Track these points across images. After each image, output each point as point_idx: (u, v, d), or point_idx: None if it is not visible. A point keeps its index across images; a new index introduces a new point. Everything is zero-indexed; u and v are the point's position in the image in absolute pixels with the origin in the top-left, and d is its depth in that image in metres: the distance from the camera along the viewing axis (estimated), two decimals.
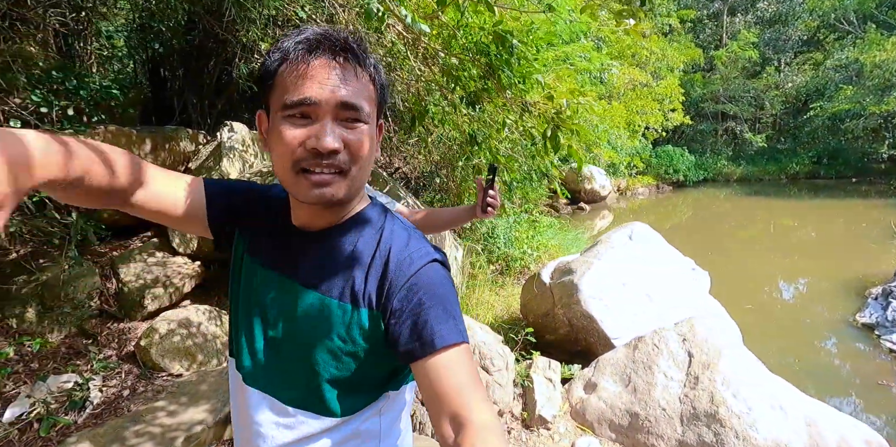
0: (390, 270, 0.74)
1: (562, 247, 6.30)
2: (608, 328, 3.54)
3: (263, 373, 0.81)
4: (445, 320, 0.71)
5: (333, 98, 0.68)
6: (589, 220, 11.18)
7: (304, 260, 0.79)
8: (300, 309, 0.77)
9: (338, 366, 0.76)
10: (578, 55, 5.27)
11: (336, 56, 0.70)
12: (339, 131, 0.70)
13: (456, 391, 0.66)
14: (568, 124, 1.99)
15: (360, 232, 0.80)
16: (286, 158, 0.70)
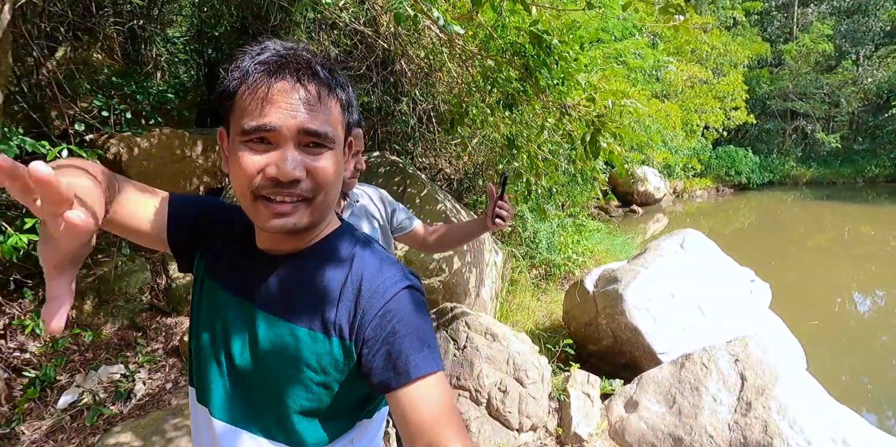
0: (362, 298, 0.71)
1: (610, 252, 6.06)
2: (654, 342, 3.35)
3: (230, 405, 0.76)
4: (419, 349, 0.69)
5: (295, 124, 0.64)
6: (641, 224, 10.73)
7: (269, 285, 0.75)
8: (267, 338, 0.73)
9: (308, 397, 0.73)
10: (632, 52, 5.03)
11: (299, 79, 0.65)
12: (302, 158, 0.66)
13: (430, 422, 0.64)
14: (609, 127, 1.86)
15: (329, 257, 0.76)
16: (244, 185, 0.66)
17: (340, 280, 0.73)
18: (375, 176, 3.37)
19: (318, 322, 0.72)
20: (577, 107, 2.02)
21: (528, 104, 2.20)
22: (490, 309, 3.75)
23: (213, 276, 0.80)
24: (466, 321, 2.89)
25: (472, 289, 3.44)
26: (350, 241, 0.78)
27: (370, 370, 0.69)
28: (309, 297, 0.73)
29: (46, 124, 3.14)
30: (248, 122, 0.64)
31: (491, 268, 3.83)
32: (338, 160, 0.70)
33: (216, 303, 0.78)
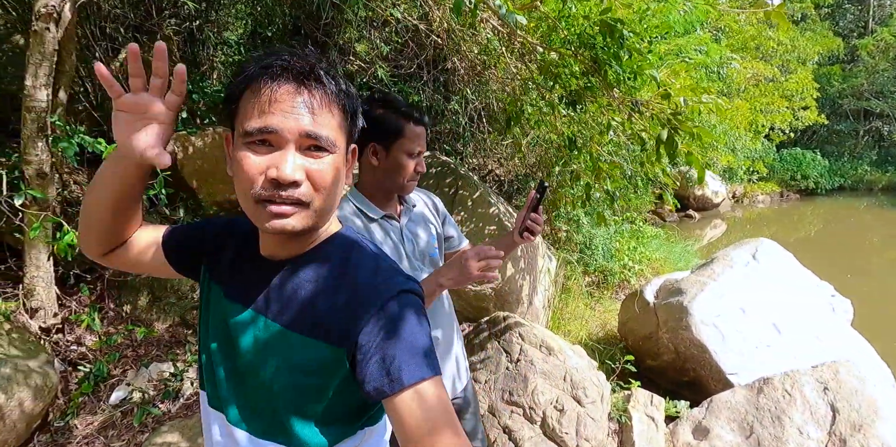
0: (356, 303, 0.71)
1: (667, 260, 5.71)
2: (723, 361, 3.07)
3: (237, 409, 0.79)
4: (413, 354, 0.69)
5: (296, 128, 0.66)
6: (698, 230, 10.18)
7: (268, 291, 0.77)
8: (262, 342, 0.75)
9: (302, 400, 0.74)
10: (694, 48, 4.70)
11: (302, 83, 0.67)
12: (302, 162, 0.67)
13: (426, 429, 0.65)
14: (686, 127, 1.66)
15: (324, 262, 0.77)
16: (246, 187, 0.68)
17: (334, 284, 0.74)
18: (426, 177, 3.26)
19: (312, 327, 0.72)
20: (649, 104, 1.82)
21: (593, 101, 2.02)
22: (542, 318, 3.57)
23: (217, 283, 0.83)
24: (520, 332, 2.72)
25: (525, 297, 3.27)
26: (346, 246, 0.79)
27: (364, 376, 0.69)
28: (304, 302, 0.73)
29: (107, 123, 3.21)
30: (250, 124, 0.66)
31: (544, 275, 3.64)
32: (338, 166, 0.71)
33: (221, 308, 0.81)
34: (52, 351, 2.64)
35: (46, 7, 1.97)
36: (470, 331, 2.94)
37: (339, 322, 0.71)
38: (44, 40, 2.04)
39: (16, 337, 2.35)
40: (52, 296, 2.64)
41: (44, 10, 1.96)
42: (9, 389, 2.08)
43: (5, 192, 2.30)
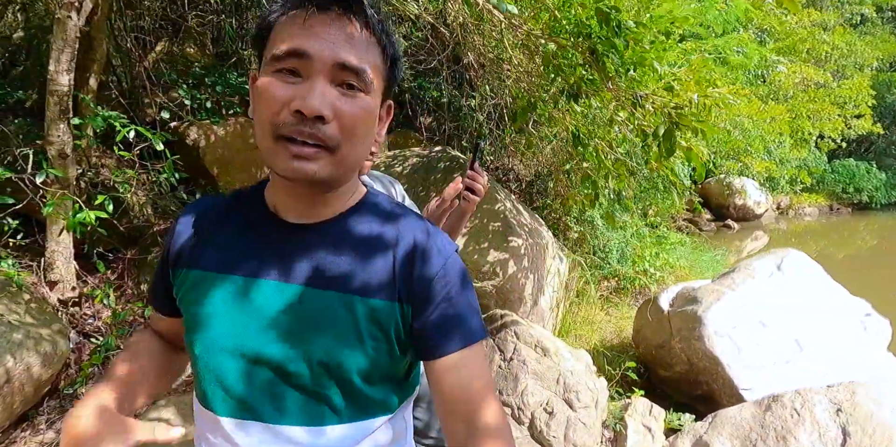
0: (418, 261, 0.68)
1: (694, 269, 5.48)
2: (737, 376, 2.91)
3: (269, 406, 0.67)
4: (471, 315, 0.69)
5: (331, 55, 0.58)
6: (737, 241, 9.73)
7: (307, 257, 0.68)
8: (317, 315, 0.66)
9: (373, 368, 0.68)
10: (733, 49, 4.49)
11: (344, 11, 0.60)
12: (332, 97, 0.59)
13: (474, 394, 0.65)
14: (687, 121, 1.57)
15: (373, 220, 0.71)
16: (266, 120, 0.60)
17: (391, 243, 0.69)
18: (435, 171, 3.25)
19: (376, 288, 0.67)
20: (649, 97, 1.74)
21: (595, 94, 1.95)
22: (548, 319, 3.49)
23: (210, 268, 0.70)
24: (516, 331, 2.67)
25: (529, 296, 3.20)
26: (386, 205, 0.75)
27: (423, 334, 0.67)
28: (359, 264, 0.67)
29: (135, 111, 3.36)
30: (280, 47, 0.59)
31: (553, 276, 3.56)
32: (371, 109, 0.64)
33: (224, 293, 0.68)
34: (69, 322, 2.77)
35: None
36: None
37: (401, 280, 0.67)
38: (66, 27, 2.15)
39: (33, 306, 2.47)
40: (72, 271, 2.78)
41: None
42: (17, 354, 2.20)
43: (29, 171, 2.44)
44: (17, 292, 2.41)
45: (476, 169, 1.20)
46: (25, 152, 2.49)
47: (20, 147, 2.55)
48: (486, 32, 2.59)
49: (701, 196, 10.85)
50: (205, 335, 0.68)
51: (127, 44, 3.19)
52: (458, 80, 4.00)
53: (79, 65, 2.49)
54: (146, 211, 3.19)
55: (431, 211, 1.24)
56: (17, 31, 3.59)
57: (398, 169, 3.33)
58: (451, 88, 3.86)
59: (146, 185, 3.21)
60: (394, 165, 3.37)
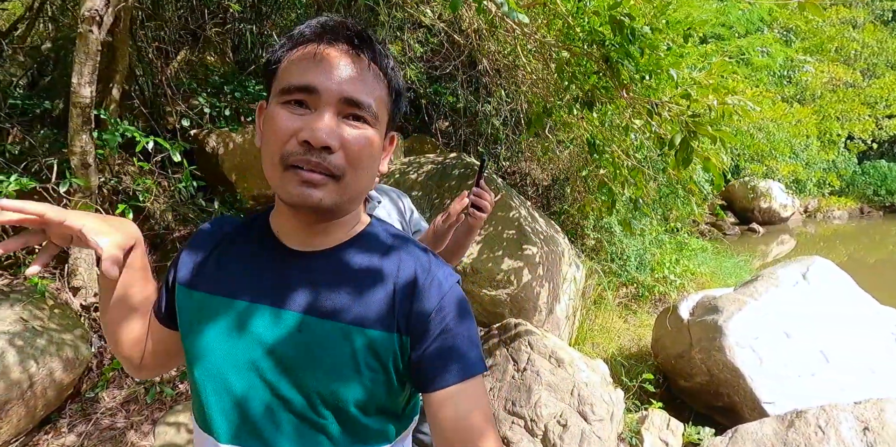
0: (418, 293, 0.68)
1: (716, 275, 5.35)
2: (759, 388, 2.83)
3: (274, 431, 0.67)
4: (470, 348, 0.68)
5: (338, 90, 0.61)
6: (762, 246, 9.48)
7: (308, 286, 0.68)
8: (315, 342, 0.66)
9: (371, 399, 0.68)
10: (757, 49, 4.38)
11: (350, 46, 0.63)
12: (339, 129, 0.61)
13: (471, 428, 0.65)
14: (703, 130, 1.53)
15: (374, 251, 0.72)
16: (275, 150, 0.62)
17: (392, 274, 0.69)
18: (449, 178, 3.24)
19: (375, 319, 0.67)
20: (665, 105, 1.70)
21: (610, 102, 1.92)
22: (564, 328, 3.44)
23: (215, 292, 0.71)
24: (530, 341, 2.64)
25: (544, 305, 3.16)
26: (388, 236, 0.76)
27: (421, 366, 0.67)
28: (359, 295, 0.68)
29: (156, 120, 3.43)
30: (290, 80, 0.61)
31: (569, 284, 3.51)
32: (376, 141, 0.66)
33: (227, 318, 0.69)
34: (90, 327, 2.84)
35: (90, 11, 2.13)
36: (481, 336, 2.88)
37: (401, 311, 0.68)
38: (88, 41, 2.21)
39: (57, 312, 2.54)
40: (94, 277, 2.84)
41: (87, 13, 2.12)
42: (40, 359, 2.26)
43: (54, 180, 2.50)
44: (41, 298, 2.47)
45: (482, 186, 1.19)
46: (50, 162, 2.56)
47: (46, 157, 2.62)
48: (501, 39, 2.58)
49: (724, 199, 10.60)
50: (205, 359, 0.69)
51: (149, 54, 3.27)
52: (473, 85, 3.99)
53: (102, 75, 2.55)
54: (166, 218, 3.25)
55: (438, 226, 1.23)
56: (45, 43, 3.70)
57: (413, 176, 3.33)
58: (467, 93, 3.85)
59: (166, 192, 3.27)
60: (408, 172, 3.37)
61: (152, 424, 2.40)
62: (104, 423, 2.49)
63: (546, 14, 1.90)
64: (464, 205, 1.19)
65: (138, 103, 3.43)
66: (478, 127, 4.13)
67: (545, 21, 1.96)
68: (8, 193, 2.14)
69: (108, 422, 2.50)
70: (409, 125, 4.70)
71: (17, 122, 2.91)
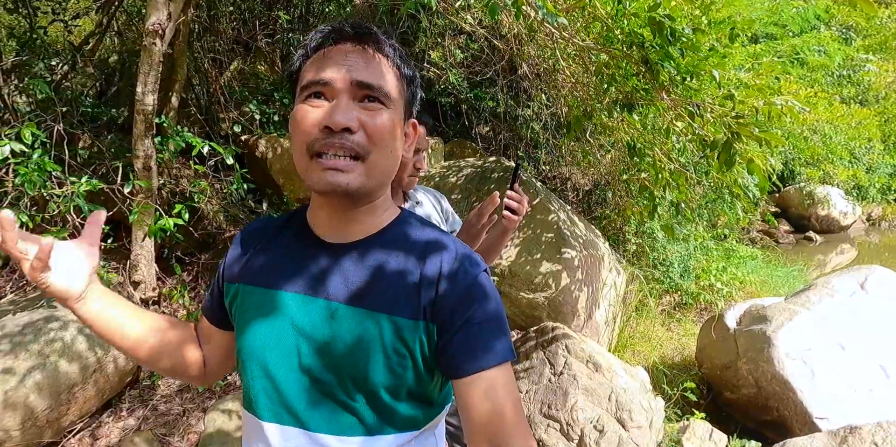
0: (444, 280, 0.70)
1: (767, 284, 5.11)
2: (810, 402, 2.70)
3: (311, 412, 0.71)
4: (498, 336, 0.69)
5: (349, 76, 0.66)
6: (820, 255, 8.95)
7: (339, 277, 0.72)
8: (348, 330, 0.70)
9: (399, 383, 0.70)
10: (813, 48, 4.19)
11: (357, 42, 0.68)
12: (356, 111, 0.66)
13: (500, 414, 0.66)
14: (745, 131, 1.49)
15: (401, 242, 0.75)
16: (301, 142, 0.67)
17: (419, 263, 0.72)
18: (488, 181, 3.27)
19: (401, 307, 0.70)
20: (711, 106, 1.67)
21: (651, 104, 1.90)
22: (603, 334, 3.39)
23: (257, 284, 0.77)
24: (567, 345, 2.62)
25: (583, 309, 3.13)
26: (417, 225, 0.78)
27: (447, 353, 0.68)
28: (389, 282, 0.71)
29: (211, 126, 3.63)
30: (306, 77, 0.67)
31: (609, 289, 3.46)
32: (393, 120, 0.69)
33: (267, 306, 0.74)
34: None
35: (153, 25, 2.30)
36: (517, 338, 2.88)
37: (428, 299, 0.70)
38: (151, 53, 2.38)
39: None
40: (152, 273, 3.03)
41: (151, 27, 2.29)
42: (108, 347, 2.43)
43: (119, 182, 2.70)
44: None
45: (516, 189, 1.21)
46: (116, 165, 2.76)
47: (112, 160, 2.83)
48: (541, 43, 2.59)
49: (778, 206, 10.10)
50: (249, 344, 0.75)
51: (205, 64, 3.47)
52: (514, 89, 4.01)
53: (162, 85, 2.73)
54: (219, 218, 3.43)
55: (472, 224, 1.25)
56: (112, 56, 3.99)
57: (452, 179, 3.38)
58: (508, 98, 3.87)
59: (219, 194, 3.45)
60: (448, 176, 3.42)
61: (203, 412, 2.53)
62: (160, 409, 2.65)
63: (585, 17, 1.91)
64: (494, 203, 1.21)
65: (194, 111, 3.65)
66: (518, 131, 4.14)
67: (584, 24, 1.97)
68: (80, 193, 2.33)
69: (164, 408, 2.66)
70: (450, 130, 4.76)
71: (87, 129, 3.16)
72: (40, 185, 2.18)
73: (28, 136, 2.19)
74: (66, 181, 2.41)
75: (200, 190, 2.87)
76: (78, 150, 2.95)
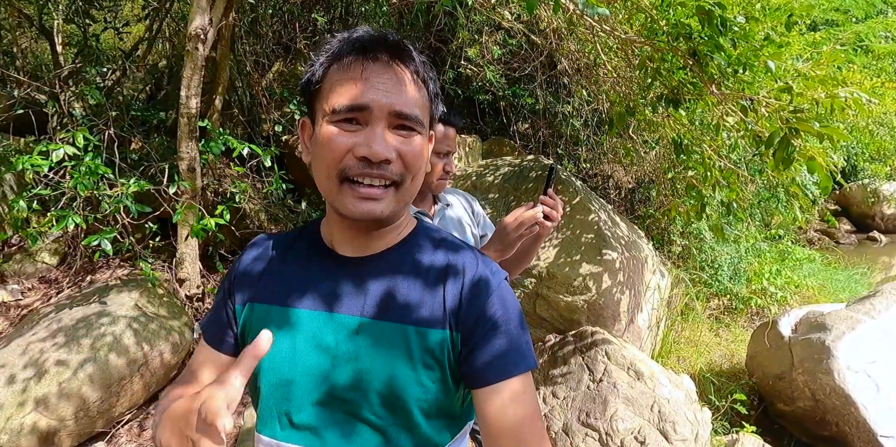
0: (466, 290, 0.70)
1: (825, 289, 4.79)
2: (875, 419, 2.50)
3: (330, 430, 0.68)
4: (520, 344, 0.69)
5: (388, 104, 0.63)
6: (884, 257, 8.35)
7: (361, 289, 0.71)
8: (371, 344, 0.68)
9: (428, 397, 0.69)
10: (879, 34, 3.87)
11: (391, 60, 0.65)
12: (393, 141, 0.64)
13: (521, 425, 0.65)
14: (805, 126, 1.37)
15: (423, 252, 0.74)
16: (331, 167, 0.64)
17: (441, 274, 0.71)
18: (526, 180, 3.20)
19: (427, 317, 0.69)
20: (766, 100, 1.54)
21: (699, 99, 1.78)
22: (646, 339, 3.26)
23: (272, 302, 0.74)
24: (607, 351, 2.53)
25: (624, 314, 3.01)
26: (436, 236, 0.77)
27: (471, 362, 0.68)
28: (413, 293, 0.70)
29: (253, 127, 3.72)
30: (339, 100, 0.63)
31: (653, 293, 3.32)
32: (424, 146, 0.69)
33: (286, 325, 0.71)
34: (193, 316, 3.13)
35: (196, 30, 2.35)
36: (555, 342, 2.80)
37: (453, 309, 0.69)
38: (194, 57, 2.44)
39: (166, 300, 2.83)
40: (196, 270, 3.13)
41: (193, 32, 2.35)
42: (154, 342, 2.53)
43: (165, 183, 2.79)
44: (154, 288, 2.77)
45: (550, 194, 1.15)
46: (162, 167, 2.86)
47: (159, 162, 2.94)
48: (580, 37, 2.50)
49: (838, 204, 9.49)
50: (267, 365, 0.71)
51: (247, 67, 3.55)
52: (553, 85, 3.91)
53: (206, 88, 2.81)
54: (260, 217, 3.51)
55: (507, 232, 1.19)
56: (161, 61, 4.15)
57: (489, 178, 3.32)
58: (547, 94, 3.78)
59: (259, 194, 3.53)
60: (485, 174, 3.36)
61: (243, 406, 2.59)
62: None
63: (627, 9, 1.81)
64: (536, 217, 1.14)
65: (237, 112, 3.74)
66: (557, 128, 4.03)
67: (626, 16, 1.87)
68: (128, 194, 2.42)
69: None
70: (488, 128, 4.70)
71: (137, 132, 3.29)
72: (92, 188, 2.27)
73: (80, 141, 2.29)
74: (117, 183, 2.51)
75: (241, 190, 2.93)
76: (128, 153, 3.08)
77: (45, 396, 2.13)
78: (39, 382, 2.14)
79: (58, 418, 2.16)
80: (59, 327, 2.37)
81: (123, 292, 2.66)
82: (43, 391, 2.13)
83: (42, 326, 2.40)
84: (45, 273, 3.12)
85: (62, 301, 2.67)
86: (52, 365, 2.20)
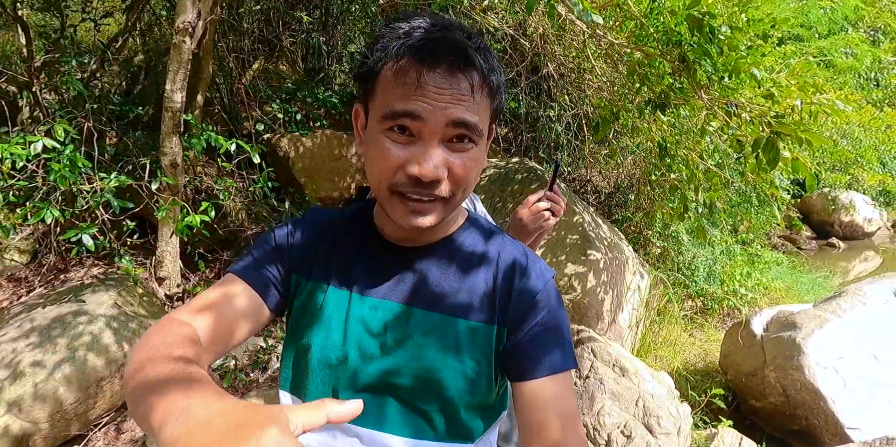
0: (515, 286, 0.70)
1: (791, 291, 5.00)
2: (843, 412, 2.63)
3: (382, 414, 0.69)
4: (562, 344, 0.69)
5: (444, 115, 0.59)
6: (842, 262, 8.76)
7: (414, 279, 0.72)
8: (421, 334, 0.69)
9: (471, 389, 0.69)
10: (841, 50, 4.10)
11: (452, 67, 0.59)
12: (445, 155, 0.61)
13: (559, 422, 0.65)
14: (788, 129, 1.45)
15: (474, 245, 0.75)
16: (382, 179, 0.63)
17: (492, 267, 0.72)
18: (512, 182, 3.25)
19: (477, 311, 0.70)
20: (745, 105, 1.63)
21: (685, 104, 1.86)
22: (627, 338, 3.34)
23: (328, 283, 0.73)
24: (593, 348, 2.58)
25: (607, 313, 3.09)
26: (486, 230, 0.78)
27: (515, 356, 0.68)
28: (463, 287, 0.71)
29: (234, 124, 3.66)
30: (394, 106, 0.59)
31: (633, 293, 3.41)
32: (481, 157, 0.66)
33: (339, 308, 0.71)
34: None
35: (184, 23, 2.31)
36: None
37: (500, 304, 0.70)
38: (181, 51, 2.40)
39: (145, 300, 2.75)
40: (177, 269, 3.05)
41: (181, 25, 2.31)
42: (132, 341, 2.45)
43: (146, 179, 2.72)
44: (133, 287, 2.69)
45: (555, 190, 1.18)
46: (143, 162, 2.79)
47: (138, 157, 2.86)
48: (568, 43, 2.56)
49: (800, 211, 9.92)
50: (317, 348, 0.71)
51: (229, 63, 3.50)
52: (535, 90, 3.98)
53: (188, 84, 2.76)
54: (241, 216, 3.45)
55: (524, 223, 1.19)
56: (137, 55, 4.04)
57: None
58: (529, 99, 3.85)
59: (242, 192, 3.47)
60: None
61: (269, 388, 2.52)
62: None
63: (618, 16, 1.88)
64: (539, 214, 1.16)
65: (219, 109, 3.67)
66: (539, 132, 4.11)
67: (617, 23, 1.94)
68: (109, 189, 2.35)
69: None
70: None
71: (114, 126, 3.20)
72: (74, 180, 2.20)
73: (61, 133, 2.22)
74: (95, 177, 2.43)
75: (226, 188, 2.88)
76: (106, 147, 2.99)
77: (18, 398, 2.04)
78: (13, 384, 2.05)
79: (32, 421, 2.07)
80: (32, 327, 2.28)
81: (101, 290, 2.58)
82: (17, 393, 2.04)
83: (13, 326, 2.30)
84: (14, 271, 2.99)
85: (34, 300, 2.57)
86: (26, 365, 2.11)
